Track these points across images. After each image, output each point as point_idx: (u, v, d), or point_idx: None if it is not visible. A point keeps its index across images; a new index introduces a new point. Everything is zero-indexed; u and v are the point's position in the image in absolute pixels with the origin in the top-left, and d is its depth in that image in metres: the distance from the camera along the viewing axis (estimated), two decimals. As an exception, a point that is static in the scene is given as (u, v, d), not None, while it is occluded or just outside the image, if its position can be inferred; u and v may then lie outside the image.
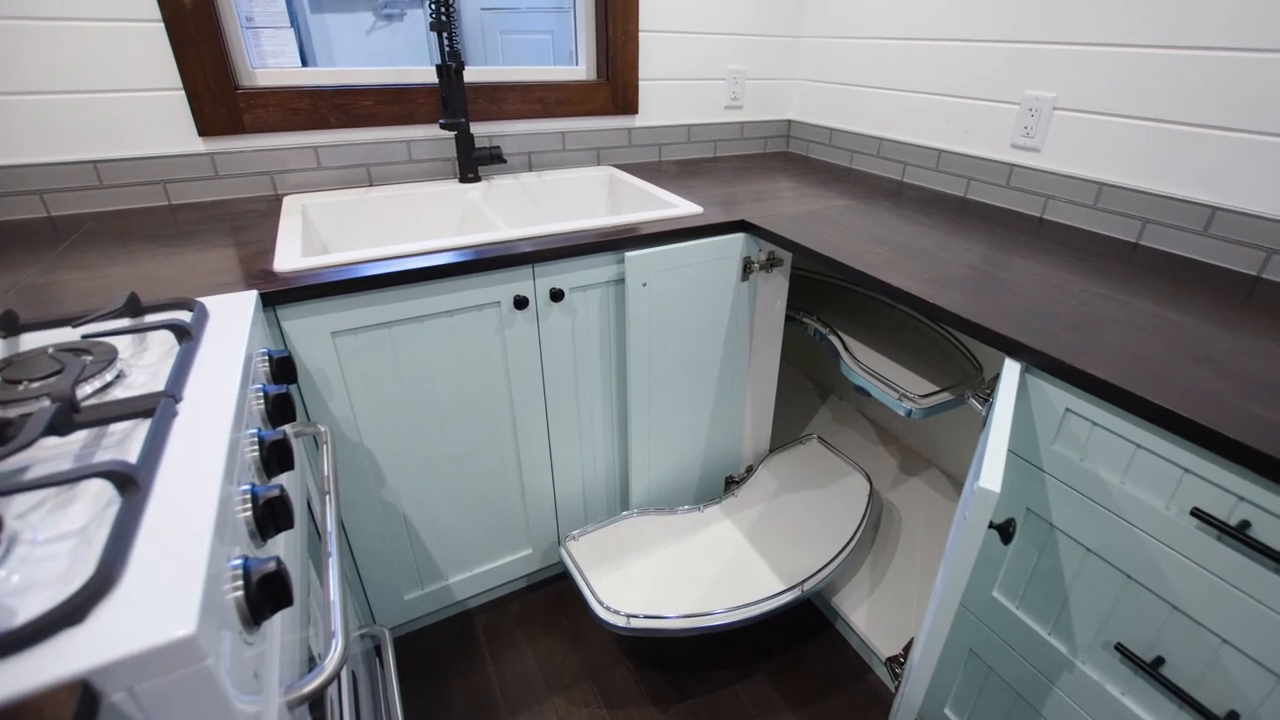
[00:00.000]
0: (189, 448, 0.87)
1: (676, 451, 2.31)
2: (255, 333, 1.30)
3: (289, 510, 0.94)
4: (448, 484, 2.01)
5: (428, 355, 1.79)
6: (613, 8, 2.54)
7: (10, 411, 0.92)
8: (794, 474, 2.51)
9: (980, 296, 1.49)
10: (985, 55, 2.24)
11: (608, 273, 1.92)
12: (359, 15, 3.23)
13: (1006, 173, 2.23)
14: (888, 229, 1.97)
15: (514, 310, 1.84)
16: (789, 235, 1.89)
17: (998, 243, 1.88)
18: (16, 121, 1.90)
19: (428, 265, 1.65)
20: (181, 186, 2.13)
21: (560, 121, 2.64)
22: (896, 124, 2.63)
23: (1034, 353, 1.27)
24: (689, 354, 2.13)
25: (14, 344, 1.16)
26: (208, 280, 1.53)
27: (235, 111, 2.10)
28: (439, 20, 2.08)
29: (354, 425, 1.77)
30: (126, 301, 1.22)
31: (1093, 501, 1.24)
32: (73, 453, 0.86)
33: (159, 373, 1.07)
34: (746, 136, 3.12)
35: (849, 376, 1.96)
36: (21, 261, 1.67)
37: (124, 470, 0.75)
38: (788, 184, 2.52)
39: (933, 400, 1.80)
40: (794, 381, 3.45)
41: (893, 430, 2.98)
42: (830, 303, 2.38)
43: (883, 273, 1.62)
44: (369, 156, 2.34)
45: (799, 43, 3.03)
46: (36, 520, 0.74)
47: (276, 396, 1.20)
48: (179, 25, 1.94)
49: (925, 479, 2.70)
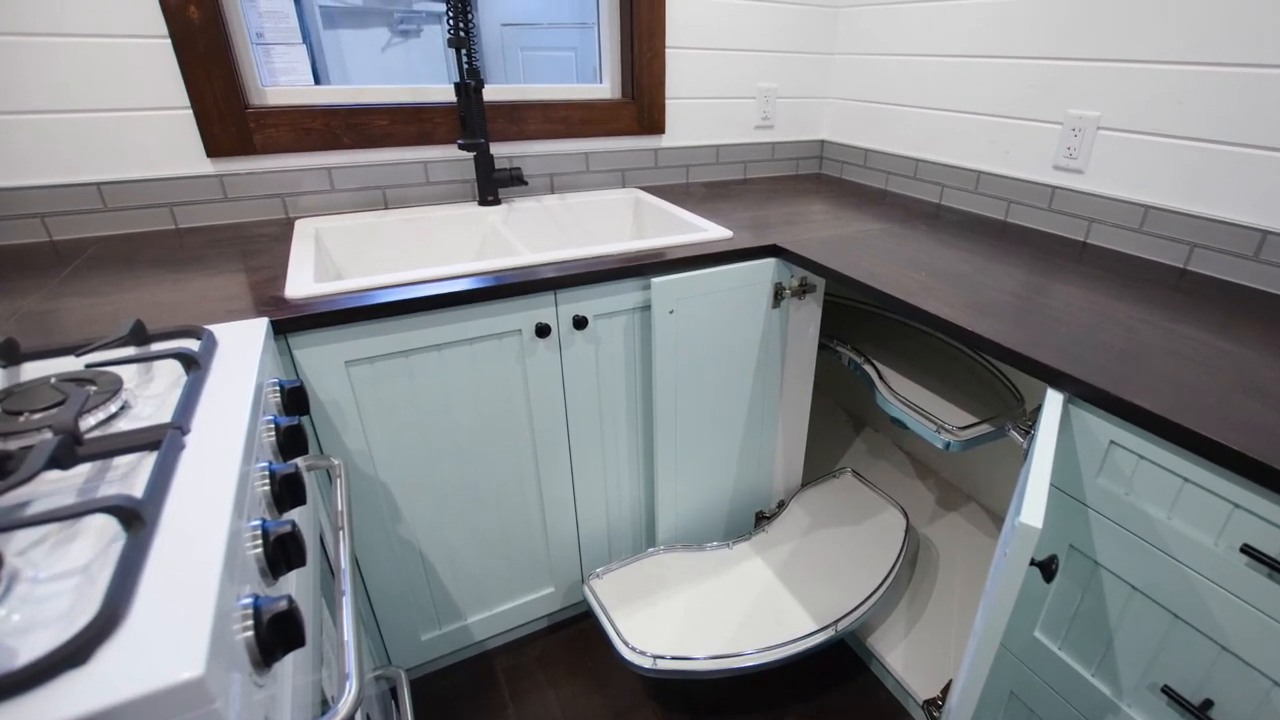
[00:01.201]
0: (197, 482, 0.87)
1: (705, 486, 2.31)
2: (266, 362, 1.30)
3: (301, 547, 0.94)
4: (467, 519, 2.01)
5: (446, 385, 1.80)
6: (638, 24, 2.56)
7: (11, 444, 0.92)
8: (827, 509, 2.52)
9: (1021, 324, 1.50)
10: (1026, 73, 2.25)
11: (633, 299, 1.92)
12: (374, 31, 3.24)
13: (1048, 195, 2.24)
14: (925, 253, 1.99)
15: (535, 338, 1.85)
16: (822, 260, 1.90)
17: (1039, 268, 1.89)
18: (17, 142, 1.90)
19: (446, 292, 1.65)
20: (189, 209, 2.15)
21: (584, 142, 2.66)
22: (934, 144, 2.64)
23: (1077, 383, 1.28)
24: (718, 384, 2.14)
25: (15, 374, 1.17)
26: (216, 307, 1.54)
27: (245, 131, 2.11)
28: (457, 36, 2.08)
29: (369, 458, 1.77)
30: (132, 329, 1.22)
31: (1138, 538, 1.25)
32: (76, 487, 0.85)
33: (165, 404, 1.07)
34: (777, 157, 3.13)
35: (884, 408, 1.97)
36: (22, 288, 1.67)
37: (129, 505, 0.75)
38: (821, 207, 2.53)
39: (972, 432, 1.80)
40: (827, 413, 3.45)
41: (930, 463, 2.98)
42: (865, 331, 2.39)
43: (920, 299, 1.63)
44: (384, 178, 2.36)
45: (832, 60, 3.05)
46: (38, 557, 0.74)
47: (288, 428, 1.19)
48: (186, 42, 1.96)
49: (964, 514, 2.69)
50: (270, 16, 2.33)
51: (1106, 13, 1.99)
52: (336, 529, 1.31)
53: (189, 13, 1.92)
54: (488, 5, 3.40)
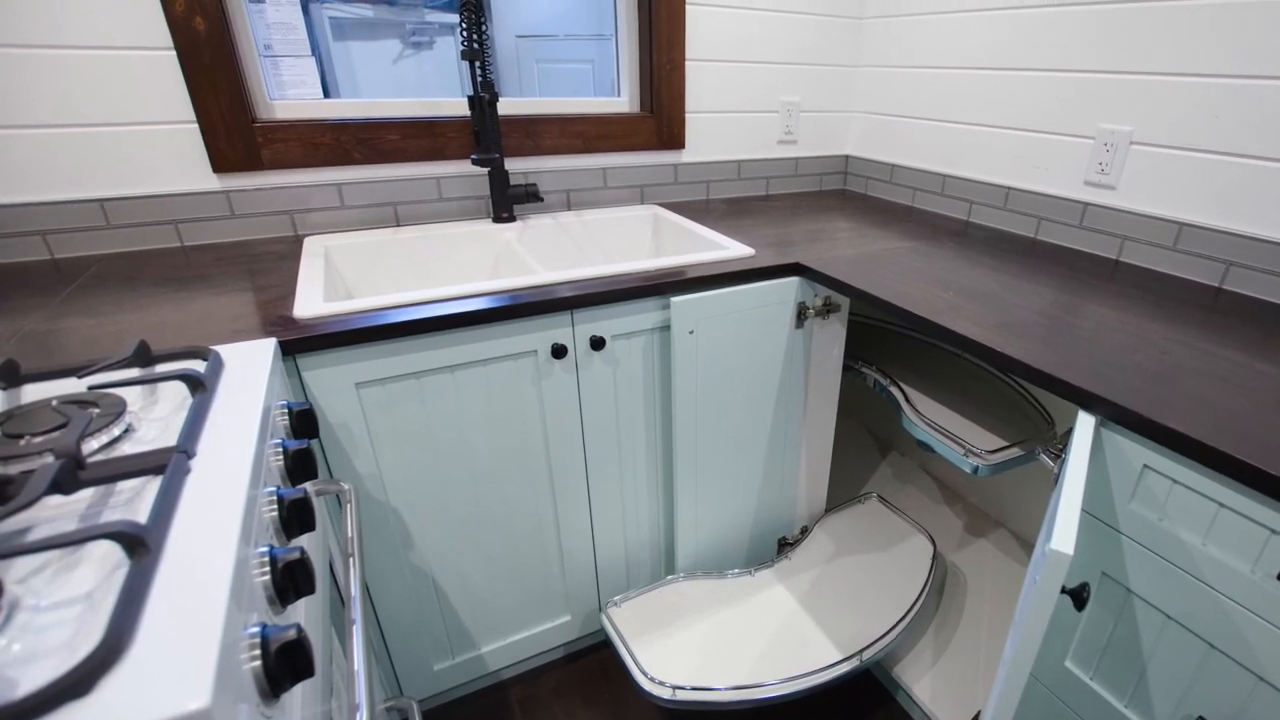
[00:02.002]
0: (203, 507, 0.87)
1: (726, 511, 2.31)
2: (274, 384, 1.31)
3: (310, 574, 0.94)
4: (480, 546, 2.01)
5: (459, 408, 1.80)
6: (657, 35, 2.57)
7: (11, 468, 0.91)
8: (852, 535, 2.52)
9: (1052, 345, 1.50)
10: (1056, 85, 2.26)
11: (652, 319, 1.93)
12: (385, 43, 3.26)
13: (1080, 212, 2.25)
14: (953, 272, 2.00)
15: (551, 359, 1.86)
16: (847, 279, 1.91)
17: (1070, 287, 1.89)
18: (18, 157, 1.91)
19: (459, 311, 1.65)
20: (195, 227, 2.16)
21: (601, 157, 2.67)
22: (961, 159, 2.66)
23: (1110, 405, 1.28)
24: (739, 407, 2.14)
25: (15, 396, 1.17)
26: (223, 327, 1.54)
27: (252, 146, 2.13)
28: (471, 48, 2.09)
29: (380, 483, 1.77)
30: (135, 350, 1.23)
31: (1172, 565, 1.25)
32: (78, 512, 0.85)
33: (170, 427, 1.08)
34: (801, 173, 3.14)
35: (911, 431, 1.98)
36: (23, 307, 1.68)
37: (133, 531, 0.75)
38: (845, 224, 2.55)
39: (1001, 456, 1.80)
40: (852, 436, 3.45)
41: (958, 488, 2.98)
42: (891, 351, 2.40)
43: (947, 319, 1.63)
44: (396, 194, 2.37)
45: (857, 73, 3.07)
46: (39, 585, 0.74)
47: (296, 452, 1.20)
48: (192, 54, 1.97)
49: (993, 540, 2.69)
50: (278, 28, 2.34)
51: (1140, 24, 2.00)
52: (346, 555, 1.32)
53: (195, 24, 1.94)
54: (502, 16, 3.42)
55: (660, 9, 2.54)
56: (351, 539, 1.35)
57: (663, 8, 2.54)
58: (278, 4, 2.33)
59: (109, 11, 1.88)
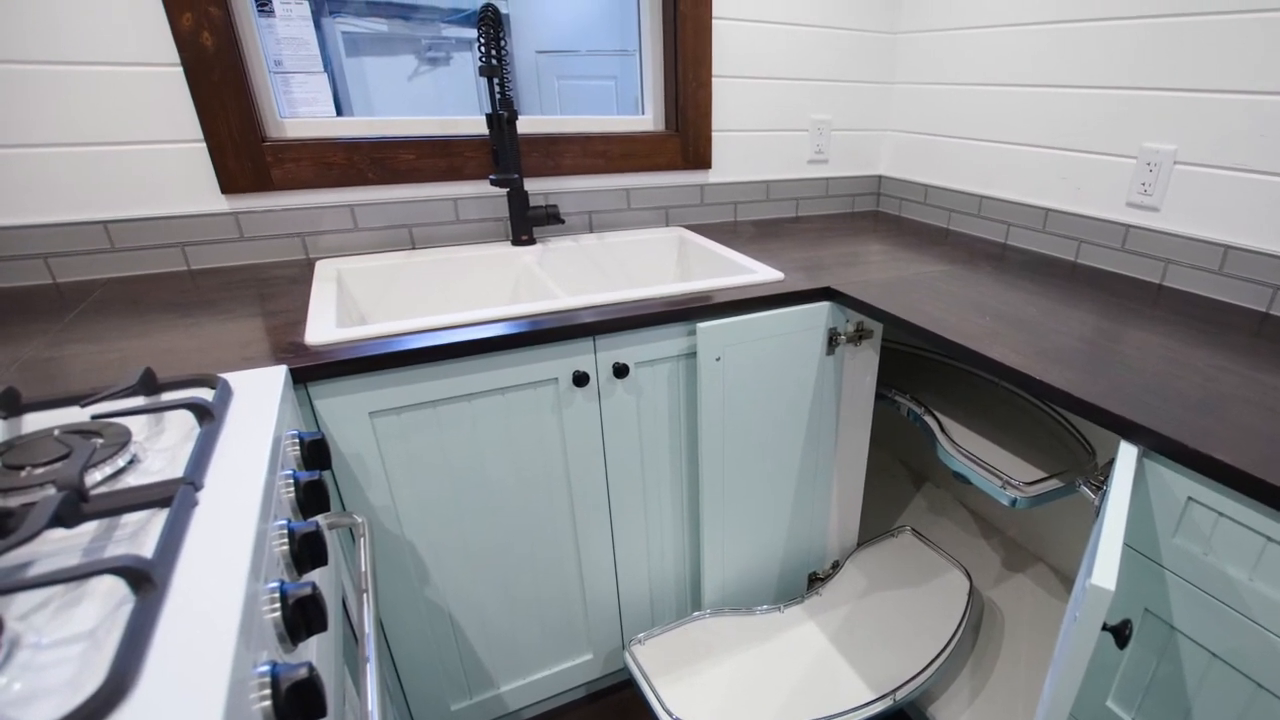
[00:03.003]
0: (211, 541, 0.87)
1: (754, 545, 2.31)
2: (284, 413, 1.31)
3: (322, 611, 0.94)
4: (499, 581, 2.02)
5: (477, 438, 1.81)
6: (683, 51, 2.59)
7: (11, 500, 0.92)
8: (885, 570, 2.53)
9: (1092, 372, 1.51)
10: (1098, 103, 2.27)
11: (677, 346, 1.94)
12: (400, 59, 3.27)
13: (1121, 234, 2.25)
14: (990, 297, 2.01)
15: (573, 388, 1.86)
16: (880, 304, 1.92)
17: (1112, 312, 1.90)
18: (18, 177, 1.92)
19: (477, 338, 1.66)
20: (202, 250, 2.17)
21: (624, 177, 2.68)
22: (999, 180, 2.67)
23: (1153, 435, 1.29)
24: (768, 436, 2.14)
25: (16, 425, 1.17)
26: (231, 354, 1.55)
27: (262, 166, 2.13)
28: (489, 64, 2.09)
29: (394, 515, 1.78)
30: (141, 378, 1.23)
31: (1218, 601, 1.26)
32: (81, 546, 0.86)
33: (177, 457, 1.08)
34: (832, 194, 3.16)
35: (946, 461, 1.98)
36: (24, 333, 1.68)
37: (138, 566, 0.75)
38: (878, 247, 2.56)
39: (1040, 488, 1.80)
40: (885, 467, 3.45)
41: (995, 521, 2.97)
42: (925, 379, 2.41)
43: (984, 346, 1.64)
44: (411, 216, 2.39)
45: (890, 90, 3.09)
46: (40, 622, 0.74)
47: (308, 484, 1.20)
48: (200, 70, 1.98)
49: (1031, 576, 2.68)
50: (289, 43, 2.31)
51: (1185, 39, 2.01)
52: (360, 591, 1.32)
53: (202, 39, 1.95)
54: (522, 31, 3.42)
55: (686, 24, 2.55)
56: (365, 574, 1.35)
57: (689, 22, 2.56)
58: (289, 19, 2.29)
59: (113, 26, 1.89)
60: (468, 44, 3.31)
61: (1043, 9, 2.37)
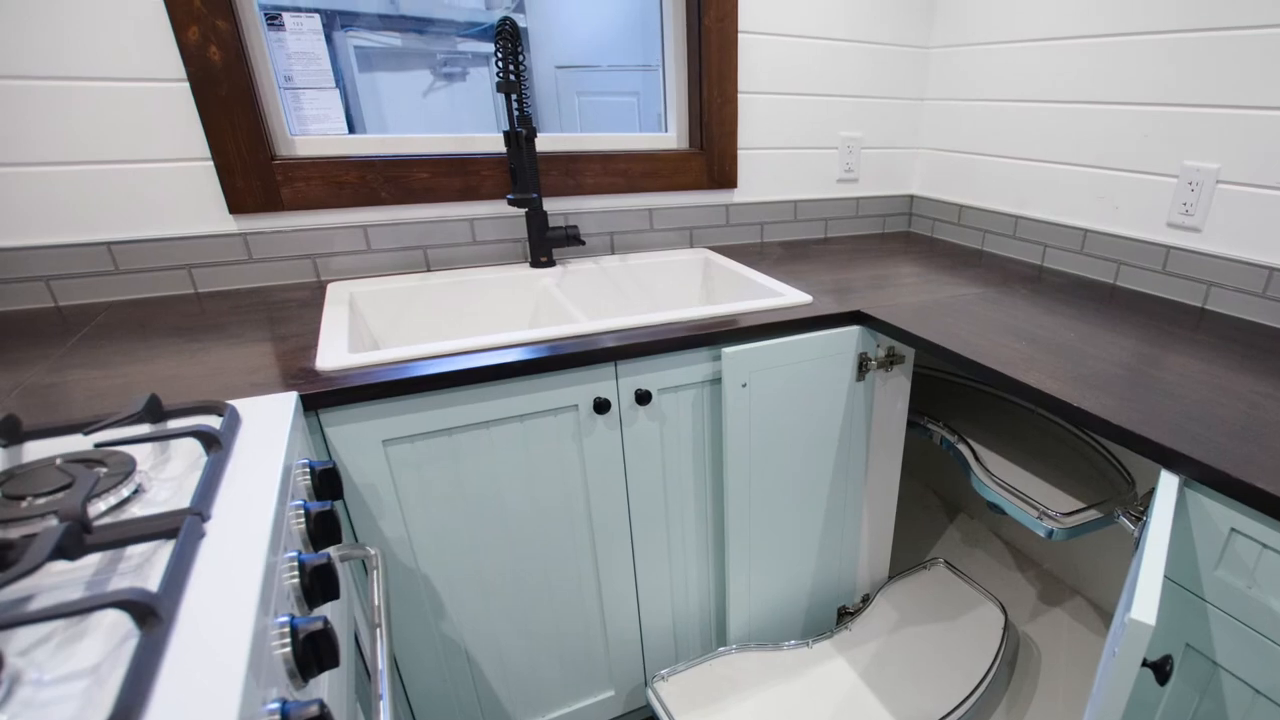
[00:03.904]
0: (218, 574, 0.87)
1: (781, 578, 2.31)
2: (295, 441, 1.31)
3: (334, 646, 0.94)
4: (517, 615, 2.02)
5: (494, 467, 1.81)
6: (708, 66, 2.60)
7: (12, 532, 0.91)
8: (917, 604, 2.53)
9: (1132, 399, 1.51)
10: (1137, 120, 2.27)
11: (702, 371, 1.95)
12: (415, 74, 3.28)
13: (1162, 256, 2.26)
14: (1025, 321, 2.01)
15: (594, 415, 1.87)
16: (911, 328, 1.92)
17: (1152, 337, 1.90)
18: (19, 197, 1.91)
19: (495, 363, 1.66)
20: (210, 272, 2.17)
21: (647, 197, 2.69)
22: (1035, 200, 2.67)
23: (1194, 464, 1.29)
24: (796, 465, 2.14)
25: (16, 454, 1.17)
26: (240, 380, 1.55)
27: (272, 185, 2.14)
28: (507, 80, 2.09)
29: (408, 547, 1.78)
30: (146, 405, 1.23)
31: (1262, 636, 1.26)
32: (84, 579, 0.86)
33: (183, 487, 1.08)
34: (862, 214, 3.17)
35: (980, 491, 1.99)
36: (25, 358, 1.68)
37: (143, 600, 0.75)
38: (910, 269, 2.57)
39: (1077, 519, 1.81)
40: (917, 497, 3.46)
41: (1031, 554, 2.97)
42: (959, 406, 2.42)
43: (1020, 372, 1.65)
44: (426, 237, 2.40)
45: (922, 106, 3.11)
46: (42, 657, 0.73)
47: (319, 514, 1.19)
48: (207, 86, 1.98)
49: (1068, 610, 2.68)
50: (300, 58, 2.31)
51: (1228, 54, 2.01)
52: (373, 625, 1.32)
53: (210, 54, 1.95)
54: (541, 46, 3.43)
55: (711, 38, 2.57)
56: (378, 607, 1.34)
57: (713, 37, 2.57)
58: (299, 33, 2.30)
59: (117, 40, 1.88)
60: (484, 59, 3.32)
61: (1081, 23, 2.38)
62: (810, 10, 2.72)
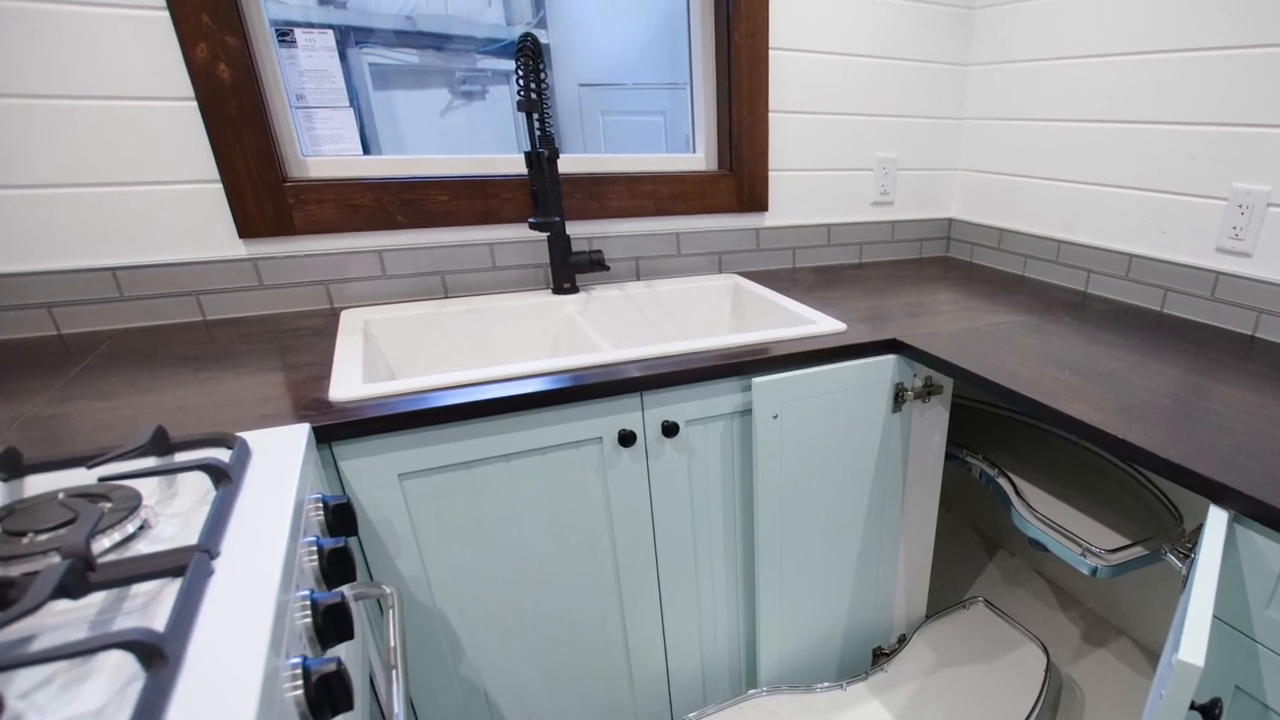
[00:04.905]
0: (227, 613, 0.87)
1: (814, 617, 2.31)
2: (307, 475, 1.31)
3: (348, 689, 0.93)
4: (539, 656, 2.02)
5: (515, 501, 1.81)
6: (737, 84, 2.62)
7: (13, 569, 0.91)
8: (955, 645, 2.53)
9: (1180, 431, 1.52)
10: (1185, 140, 2.28)
11: (731, 402, 1.96)
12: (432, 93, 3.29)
13: (1211, 282, 2.26)
14: (1069, 349, 2.02)
15: (619, 447, 1.87)
16: (950, 358, 1.93)
17: (1201, 366, 1.91)
18: (20, 221, 1.90)
19: (516, 394, 1.66)
20: (219, 299, 2.17)
21: (674, 220, 2.70)
22: (1078, 223, 2.68)
23: (1244, 499, 1.29)
24: (829, 500, 2.14)
25: (18, 488, 1.16)
26: (250, 411, 1.55)
27: (283, 208, 2.13)
28: (528, 98, 2.09)
29: (426, 585, 1.77)
30: (152, 437, 1.22)
31: (1316, 678, 1.26)
32: (88, 619, 0.85)
33: (191, 523, 1.07)
34: (898, 238, 3.18)
35: (1021, 527, 1.99)
36: (27, 389, 1.67)
37: (149, 640, 0.74)
38: (948, 295, 2.58)
39: (1122, 556, 1.81)
40: (955, 533, 3.46)
41: (1074, 592, 2.97)
42: (999, 438, 2.42)
43: (1063, 403, 1.65)
44: (444, 262, 2.41)
45: (961, 126, 3.12)
46: (44, 700, 0.73)
47: (332, 551, 1.19)
48: (216, 105, 1.98)
49: (1113, 650, 2.68)
50: (312, 76, 2.33)
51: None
52: (389, 667, 1.32)
53: (218, 72, 1.95)
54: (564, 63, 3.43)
55: (741, 54, 2.58)
56: (394, 648, 1.35)
57: (744, 53, 2.58)
58: (312, 50, 2.32)
59: (122, 57, 1.88)
60: (505, 76, 3.35)
61: (1125, 40, 2.39)
62: (844, 26, 2.73)
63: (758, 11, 2.56)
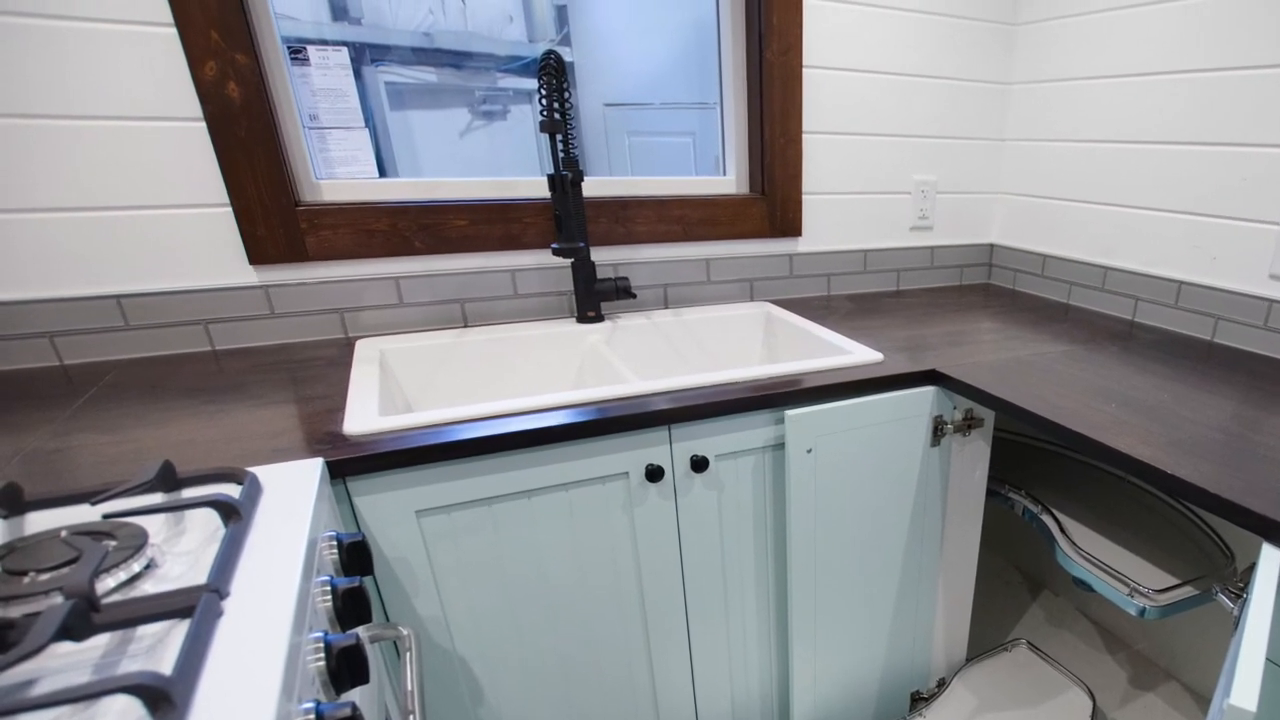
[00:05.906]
0: (237, 656, 0.87)
1: (850, 660, 2.31)
2: (321, 511, 1.31)
3: None
4: (562, 700, 2.02)
5: (537, 539, 1.80)
6: (769, 104, 2.62)
7: (13, 610, 0.91)
8: (997, 689, 2.53)
9: (1232, 466, 1.52)
10: (1236, 162, 2.28)
11: (763, 436, 1.96)
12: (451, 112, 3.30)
13: (1264, 310, 2.26)
14: (1115, 381, 2.02)
15: (646, 483, 1.86)
16: (991, 389, 1.93)
17: (1254, 398, 1.91)
18: (21, 246, 1.89)
19: (538, 427, 1.66)
20: (228, 327, 2.16)
21: (704, 246, 2.71)
22: (1125, 249, 2.68)
23: None
24: (865, 537, 2.15)
25: (18, 525, 1.16)
26: (261, 445, 1.55)
27: (295, 233, 2.13)
28: (551, 119, 2.09)
29: (444, 627, 1.76)
30: (159, 472, 1.21)
31: (1374, 725, 1.26)
32: (91, 662, 0.85)
33: (199, 562, 1.07)
34: (938, 265, 3.18)
35: (1066, 566, 2.00)
36: (27, 422, 1.67)
37: (155, 684, 0.74)
38: (990, 324, 2.59)
39: (1172, 596, 1.81)
40: (997, 572, 3.45)
41: (1122, 634, 2.96)
42: (1042, 473, 2.42)
43: (1109, 436, 1.65)
44: (464, 290, 2.42)
45: (1002, 147, 3.13)
46: None
47: (347, 591, 1.19)
48: (225, 126, 1.97)
49: (1162, 695, 2.67)
50: (326, 95, 2.34)
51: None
52: (406, 712, 1.30)
53: (228, 91, 1.95)
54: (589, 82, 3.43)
55: (774, 73, 2.59)
56: (411, 693, 1.33)
57: (776, 71, 2.59)
58: (325, 68, 2.33)
59: (128, 76, 1.88)
60: (527, 96, 3.36)
61: (1174, 58, 2.40)
62: (880, 43, 2.75)
63: (791, 28, 2.57)
